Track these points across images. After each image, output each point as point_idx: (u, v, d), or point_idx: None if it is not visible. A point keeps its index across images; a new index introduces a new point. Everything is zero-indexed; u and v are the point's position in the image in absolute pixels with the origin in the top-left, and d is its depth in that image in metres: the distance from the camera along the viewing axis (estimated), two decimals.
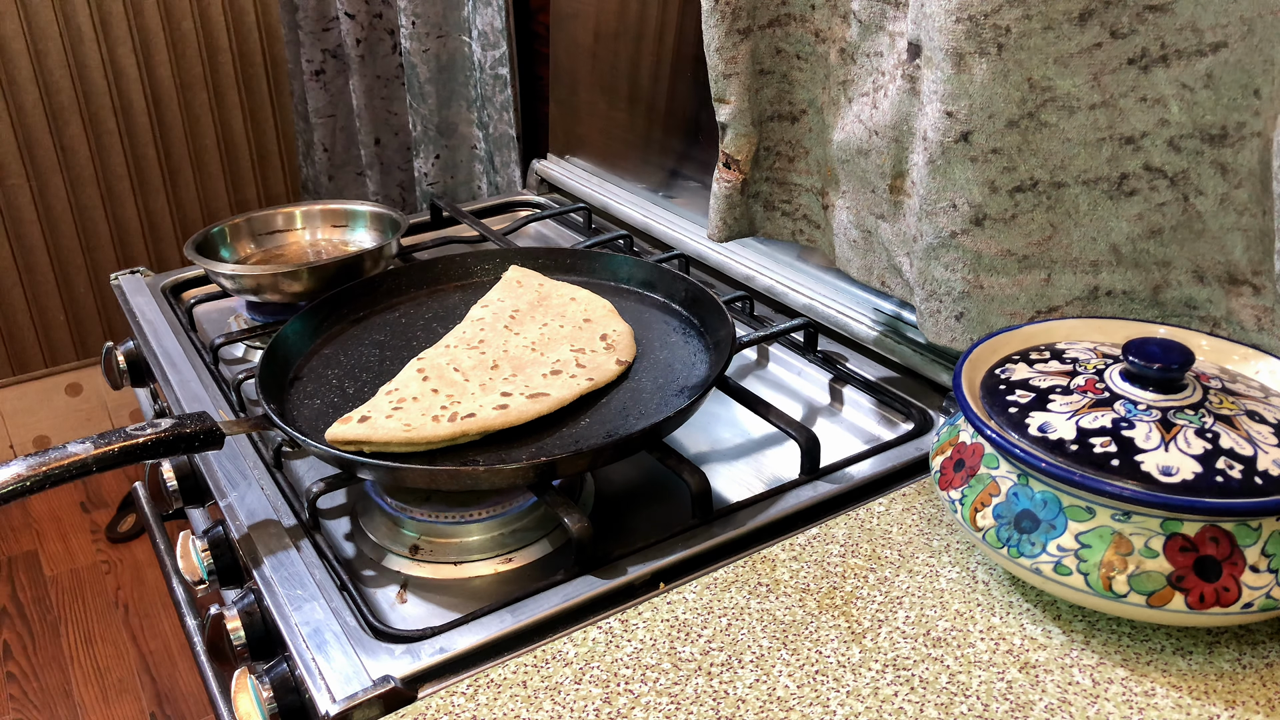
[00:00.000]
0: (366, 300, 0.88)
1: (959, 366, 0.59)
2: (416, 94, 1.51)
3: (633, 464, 0.75)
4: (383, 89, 1.65)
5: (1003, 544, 0.54)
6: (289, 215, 1.08)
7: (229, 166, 2.08)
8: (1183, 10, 0.58)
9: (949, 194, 0.66)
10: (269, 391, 0.72)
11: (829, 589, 0.58)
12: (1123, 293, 0.67)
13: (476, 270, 0.92)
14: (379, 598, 0.63)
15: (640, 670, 0.53)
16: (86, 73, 1.90)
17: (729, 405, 0.80)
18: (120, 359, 1.01)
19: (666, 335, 0.81)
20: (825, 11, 0.76)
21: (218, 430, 0.67)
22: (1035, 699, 0.50)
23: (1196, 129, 0.61)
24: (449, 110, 1.53)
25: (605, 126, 1.25)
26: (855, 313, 0.88)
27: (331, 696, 0.53)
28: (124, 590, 1.83)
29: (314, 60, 1.68)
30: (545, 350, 0.76)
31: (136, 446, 0.64)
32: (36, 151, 1.91)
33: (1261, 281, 0.62)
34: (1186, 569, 0.49)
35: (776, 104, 0.82)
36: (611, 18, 1.18)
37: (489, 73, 1.40)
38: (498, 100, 1.40)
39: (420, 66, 1.48)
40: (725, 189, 0.85)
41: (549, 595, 0.59)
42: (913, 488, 0.67)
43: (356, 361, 0.79)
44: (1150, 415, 0.52)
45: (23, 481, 0.59)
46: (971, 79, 0.62)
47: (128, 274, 1.09)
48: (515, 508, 0.68)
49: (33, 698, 1.61)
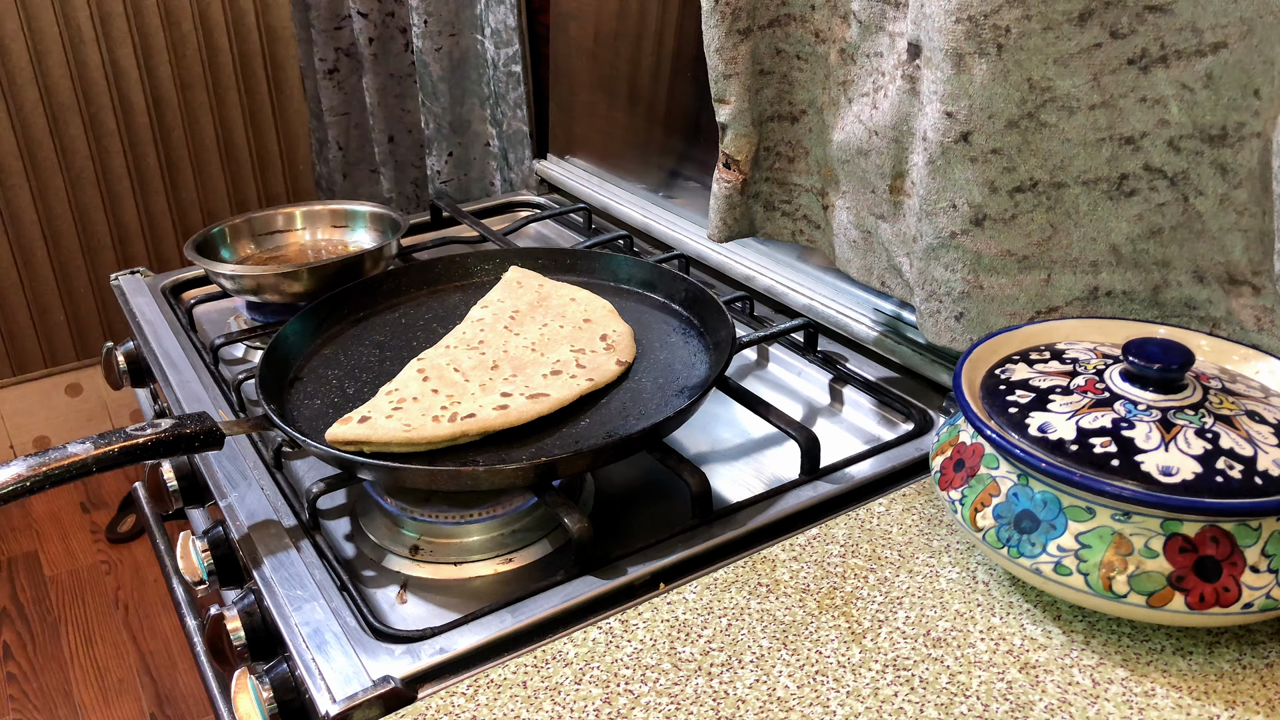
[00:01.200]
0: (367, 300, 0.88)
1: (959, 367, 0.59)
2: (429, 92, 1.52)
3: (633, 464, 0.75)
4: (396, 87, 1.65)
5: (1003, 544, 0.54)
6: (289, 216, 1.08)
7: (229, 167, 2.08)
8: (1182, 10, 0.58)
9: (949, 194, 0.66)
10: (269, 391, 0.72)
11: (829, 589, 0.58)
12: (1122, 293, 0.67)
13: (477, 271, 0.92)
14: (379, 598, 0.63)
15: (640, 670, 0.53)
16: (86, 73, 1.90)
17: (729, 405, 0.80)
18: (120, 359, 1.01)
19: (666, 335, 0.81)
20: (825, 12, 0.76)
21: (218, 431, 0.67)
22: (1035, 699, 0.50)
23: (1196, 129, 0.61)
24: (462, 108, 1.53)
25: (605, 127, 1.25)
26: (855, 313, 0.88)
27: (331, 697, 0.53)
28: (124, 591, 1.83)
29: (327, 59, 1.69)
30: (545, 351, 0.76)
31: (136, 447, 0.64)
32: (36, 152, 1.91)
33: (1261, 282, 0.62)
34: (1186, 569, 0.49)
35: (776, 104, 0.82)
36: (611, 18, 1.18)
37: (502, 70, 1.40)
38: (511, 97, 1.40)
39: (433, 64, 1.48)
40: (725, 189, 0.85)
41: (549, 595, 0.59)
42: (913, 488, 0.67)
43: (356, 362, 0.79)
44: (1150, 415, 0.52)
45: (23, 481, 0.59)
46: (971, 79, 0.62)
47: (128, 274, 1.09)
48: (515, 508, 0.68)
49: (33, 698, 1.61)
